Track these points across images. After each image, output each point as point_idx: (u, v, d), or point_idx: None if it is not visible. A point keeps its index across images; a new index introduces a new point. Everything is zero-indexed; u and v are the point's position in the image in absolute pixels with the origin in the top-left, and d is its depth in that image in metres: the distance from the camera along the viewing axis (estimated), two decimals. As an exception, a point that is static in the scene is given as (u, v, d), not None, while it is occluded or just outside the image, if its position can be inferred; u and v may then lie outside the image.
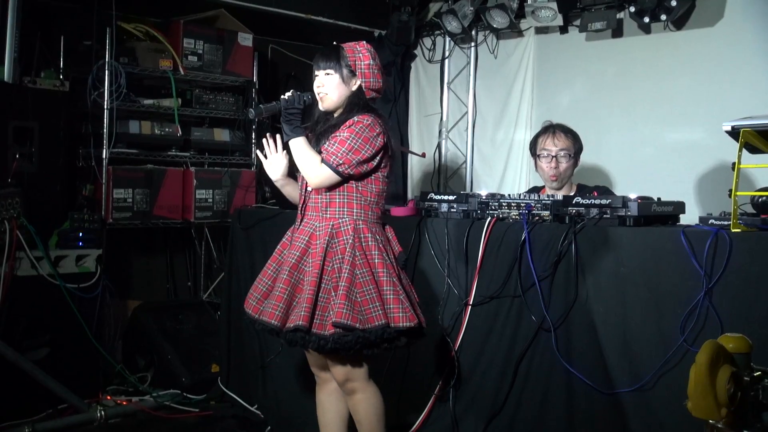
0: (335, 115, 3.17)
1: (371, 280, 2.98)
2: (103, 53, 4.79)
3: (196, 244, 5.81)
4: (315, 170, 3.04)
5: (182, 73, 5.25)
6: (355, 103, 3.14)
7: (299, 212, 3.20)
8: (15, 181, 4.31)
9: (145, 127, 5.14)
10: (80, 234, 4.55)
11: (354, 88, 3.15)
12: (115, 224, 4.94)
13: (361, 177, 3.07)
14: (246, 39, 5.61)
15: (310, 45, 6.65)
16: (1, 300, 4.04)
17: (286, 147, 3.21)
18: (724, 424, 2.08)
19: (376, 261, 3.02)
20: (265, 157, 3.32)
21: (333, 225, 3.05)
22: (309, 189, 3.14)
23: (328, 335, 2.93)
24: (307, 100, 3.13)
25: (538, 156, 4.14)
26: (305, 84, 6.57)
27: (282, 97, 3.12)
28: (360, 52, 3.15)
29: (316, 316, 2.97)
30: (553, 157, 4.08)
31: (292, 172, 3.31)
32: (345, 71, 3.11)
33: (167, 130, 5.24)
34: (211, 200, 5.40)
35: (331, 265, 3.01)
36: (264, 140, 3.32)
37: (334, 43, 3.19)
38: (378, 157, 3.08)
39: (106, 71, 4.80)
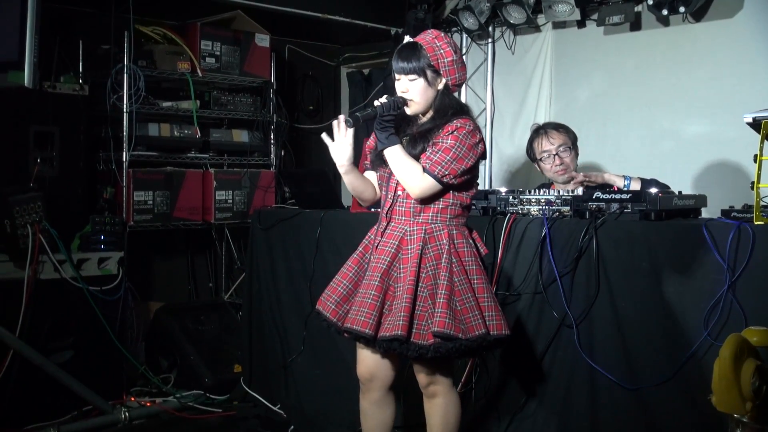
0: (425, 117, 2.99)
1: (469, 288, 2.86)
2: (122, 57, 4.82)
3: (217, 245, 5.84)
4: (417, 180, 2.86)
5: (200, 75, 5.28)
6: (448, 105, 2.95)
7: (384, 215, 3.01)
8: (37, 186, 4.35)
9: (165, 130, 5.18)
10: (102, 237, 4.58)
11: (440, 87, 2.95)
12: (136, 227, 4.97)
13: (461, 185, 2.94)
14: (263, 40, 5.63)
15: (326, 44, 6.68)
16: (24, 304, 4.07)
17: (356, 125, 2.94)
18: (749, 418, 2.07)
19: (473, 267, 2.91)
20: (332, 139, 3.02)
21: (426, 230, 2.91)
22: (399, 192, 2.97)
23: (428, 345, 2.81)
24: (400, 104, 2.94)
25: (540, 160, 4.14)
26: (321, 82, 6.66)
27: (376, 103, 2.93)
28: (441, 48, 2.92)
29: (413, 326, 2.83)
30: (554, 155, 4.07)
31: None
32: (429, 72, 2.91)
33: (186, 132, 5.28)
34: (230, 201, 5.42)
35: (426, 272, 2.87)
36: (335, 122, 3.03)
37: (408, 38, 2.98)
38: (478, 165, 2.96)
39: (125, 75, 4.84)
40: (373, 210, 3.58)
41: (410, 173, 2.88)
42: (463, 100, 6.14)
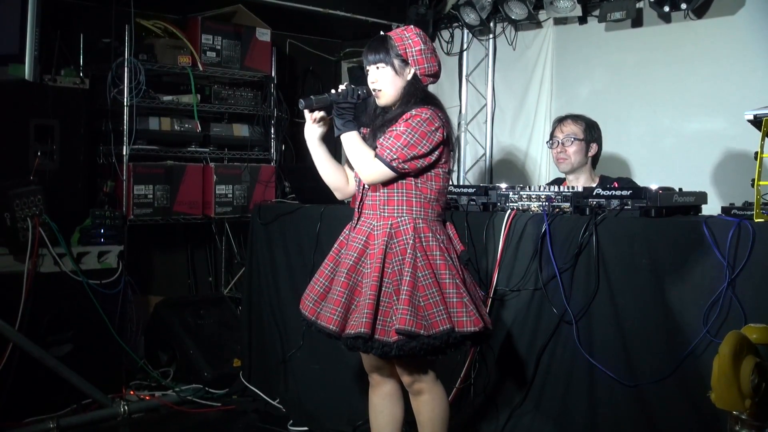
0: (393, 108, 3.03)
1: (434, 283, 2.84)
2: (122, 50, 4.81)
3: (217, 240, 5.83)
4: (368, 165, 2.91)
5: (201, 69, 5.27)
6: (412, 94, 2.98)
7: (356, 210, 3.07)
8: (37, 179, 4.34)
9: (165, 124, 5.17)
10: (102, 230, 4.58)
11: (409, 77, 2.99)
12: (136, 220, 4.97)
13: (418, 173, 2.93)
14: (264, 34, 5.63)
15: (327, 39, 6.67)
16: (24, 297, 4.07)
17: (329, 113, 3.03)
18: (748, 415, 2.07)
19: (438, 262, 2.89)
20: (311, 113, 3.07)
21: (392, 224, 2.92)
22: (366, 186, 3.01)
23: (392, 342, 2.80)
24: (362, 94, 2.99)
25: (551, 144, 4.19)
26: (323, 78, 6.66)
27: (334, 90, 3.00)
28: (409, 38, 2.98)
29: (377, 322, 2.83)
30: (559, 142, 4.12)
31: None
32: (396, 62, 2.97)
33: (186, 126, 5.27)
34: (231, 195, 5.42)
35: (391, 267, 2.88)
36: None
37: (381, 32, 3.07)
38: (436, 153, 2.93)
39: (126, 68, 4.81)
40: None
41: (361, 158, 2.93)
42: (463, 95, 6.16)
